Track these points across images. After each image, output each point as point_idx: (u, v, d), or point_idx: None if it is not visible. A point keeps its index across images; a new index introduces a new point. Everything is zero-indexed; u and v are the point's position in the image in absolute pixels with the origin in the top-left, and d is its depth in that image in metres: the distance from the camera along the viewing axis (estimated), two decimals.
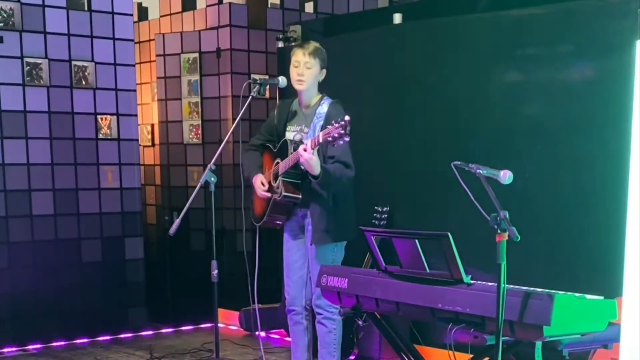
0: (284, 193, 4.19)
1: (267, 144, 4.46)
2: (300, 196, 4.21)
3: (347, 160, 4.08)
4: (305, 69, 4.21)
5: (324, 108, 4.21)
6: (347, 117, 3.72)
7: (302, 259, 4.38)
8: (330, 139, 3.76)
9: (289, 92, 4.39)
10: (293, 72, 4.24)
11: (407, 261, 3.33)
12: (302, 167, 4.03)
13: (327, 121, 4.06)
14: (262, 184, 4.32)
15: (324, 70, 4.27)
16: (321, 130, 4.01)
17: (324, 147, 4.05)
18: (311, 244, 4.23)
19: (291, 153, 4.19)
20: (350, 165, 4.10)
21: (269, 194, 4.29)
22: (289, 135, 4.32)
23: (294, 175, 4.18)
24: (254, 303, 4.40)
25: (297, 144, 4.21)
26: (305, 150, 3.90)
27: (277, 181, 4.24)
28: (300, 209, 4.29)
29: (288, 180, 4.19)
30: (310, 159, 3.91)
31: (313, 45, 4.26)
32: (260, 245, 4.36)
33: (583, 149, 4.28)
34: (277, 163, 4.31)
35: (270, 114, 4.57)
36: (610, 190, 3.91)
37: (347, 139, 3.72)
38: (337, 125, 3.72)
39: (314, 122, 4.20)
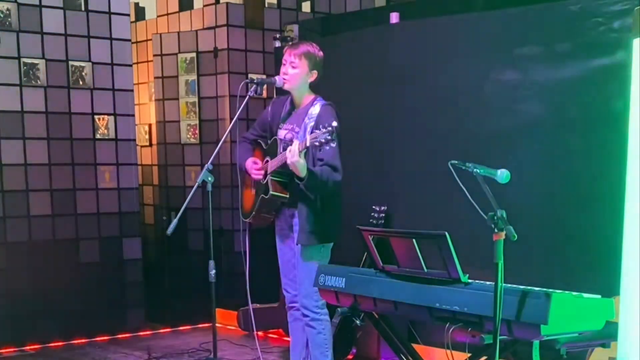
0: (271, 192, 4.20)
1: (259, 141, 4.47)
2: (287, 195, 4.21)
3: (335, 164, 4.06)
4: (290, 68, 4.21)
5: (316, 109, 4.20)
6: (334, 124, 3.72)
7: (295, 258, 4.37)
8: (317, 143, 3.76)
9: (286, 92, 4.40)
10: (281, 69, 4.27)
11: (404, 261, 3.33)
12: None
13: (317, 124, 4.06)
14: (255, 162, 4.33)
15: (314, 72, 4.23)
16: (310, 133, 4.01)
17: (313, 150, 4.05)
18: (297, 244, 4.23)
19: (280, 152, 4.19)
20: (338, 169, 4.08)
21: (261, 174, 4.28)
22: (281, 133, 4.32)
23: (283, 175, 4.18)
24: (250, 302, 4.40)
25: (287, 143, 4.20)
26: (291, 152, 3.91)
27: (266, 179, 4.25)
28: (288, 209, 4.29)
29: (276, 179, 4.20)
30: (297, 162, 3.91)
31: (303, 46, 4.25)
32: (255, 245, 4.36)
33: (581, 147, 4.28)
34: (267, 161, 4.31)
35: (264, 110, 4.58)
36: (608, 189, 3.91)
37: (333, 144, 3.73)
38: (324, 130, 3.72)
39: (305, 122, 4.19)
